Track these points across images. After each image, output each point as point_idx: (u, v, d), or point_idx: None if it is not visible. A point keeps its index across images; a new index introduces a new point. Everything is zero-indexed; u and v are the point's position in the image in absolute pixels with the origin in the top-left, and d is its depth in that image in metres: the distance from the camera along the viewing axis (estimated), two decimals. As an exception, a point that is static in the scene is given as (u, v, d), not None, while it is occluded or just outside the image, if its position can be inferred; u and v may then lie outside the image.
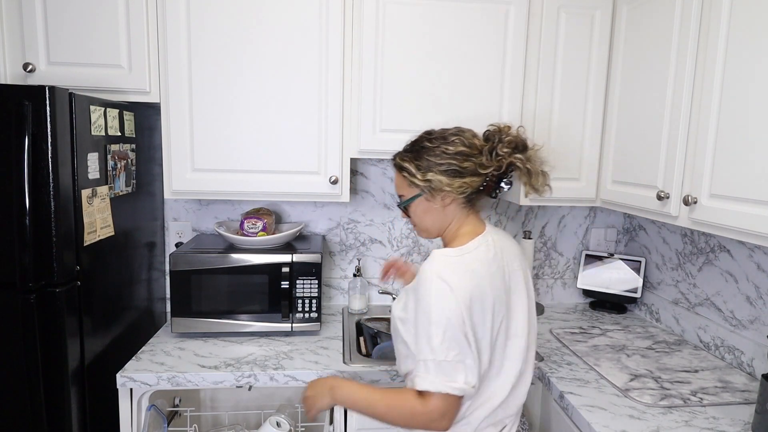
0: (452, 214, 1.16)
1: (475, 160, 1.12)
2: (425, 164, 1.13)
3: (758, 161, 1.13)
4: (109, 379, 1.50)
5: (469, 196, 1.15)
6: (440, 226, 1.18)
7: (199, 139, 1.63)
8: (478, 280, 1.05)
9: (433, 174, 1.12)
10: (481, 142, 1.15)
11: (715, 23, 1.26)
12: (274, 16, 1.60)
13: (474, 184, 1.13)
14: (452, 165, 1.12)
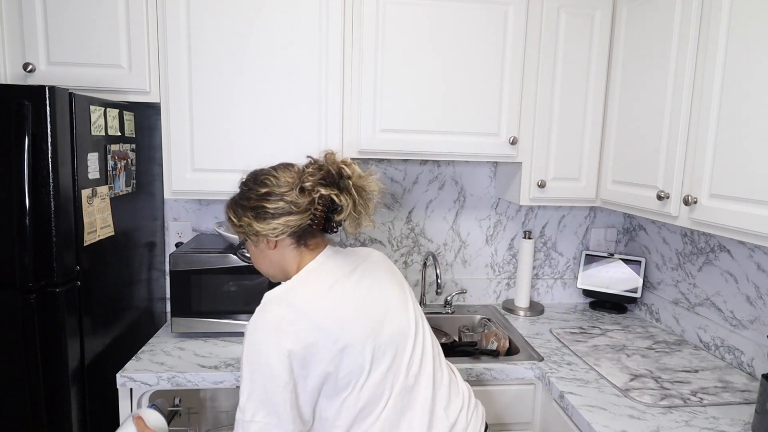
0: (284, 257, 1.10)
1: (287, 199, 1.05)
2: (239, 210, 1.10)
3: (758, 161, 1.13)
4: (109, 379, 1.50)
5: (296, 236, 1.08)
6: (276, 270, 1.13)
7: (199, 139, 1.63)
8: (307, 321, 0.97)
9: (246, 219, 1.07)
10: (293, 178, 1.08)
11: (715, 23, 1.26)
12: (274, 16, 1.60)
13: (293, 224, 1.05)
14: (260, 208, 1.06)
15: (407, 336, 1.09)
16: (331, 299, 1.02)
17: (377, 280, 1.12)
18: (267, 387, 0.94)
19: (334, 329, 0.98)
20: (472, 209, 2.12)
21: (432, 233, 2.12)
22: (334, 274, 1.07)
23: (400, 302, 1.12)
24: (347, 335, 0.99)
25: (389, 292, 1.12)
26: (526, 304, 2.05)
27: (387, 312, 1.08)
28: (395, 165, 2.06)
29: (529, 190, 1.78)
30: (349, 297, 1.04)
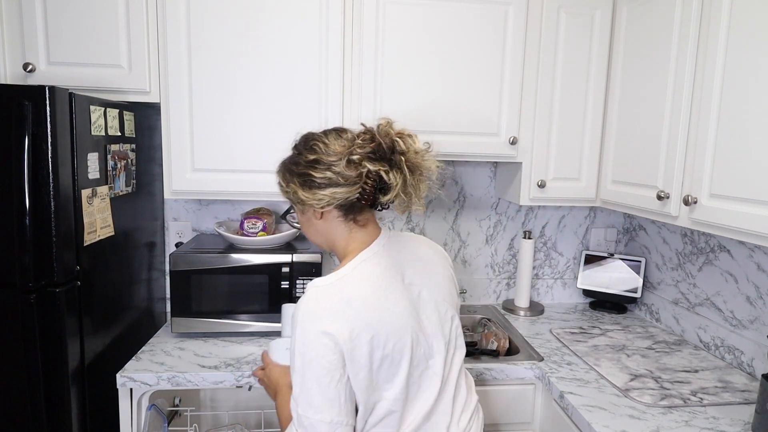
0: (331, 229, 1.02)
1: (335, 169, 0.96)
2: (287, 175, 1.04)
3: (758, 161, 1.13)
4: (109, 379, 1.50)
5: (344, 209, 0.99)
6: (323, 240, 1.06)
7: (199, 139, 1.63)
8: (355, 312, 0.91)
9: (293, 186, 1.01)
10: (342, 147, 0.99)
11: (715, 23, 1.26)
12: (275, 16, 1.60)
13: (339, 197, 0.96)
14: (307, 176, 0.98)
15: (435, 354, 1.02)
16: (382, 299, 0.95)
17: (427, 288, 1.03)
18: (320, 380, 0.89)
19: (380, 331, 0.92)
20: (472, 209, 2.12)
21: (432, 233, 2.12)
22: (387, 271, 0.99)
23: (440, 319, 1.04)
24: (390, 342, 0.93)
25: (434, 304, 1.04)
26: (526, 304, 2.05)
27: (424, 328, 1.00)
28: (395, 165, 2.05)
29: (529, 190, 1.78)
30: (398, 302, 0.97)
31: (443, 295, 1.07)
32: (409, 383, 0.97)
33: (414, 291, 1.02)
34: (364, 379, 0.92)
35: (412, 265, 1.04)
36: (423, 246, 1.11)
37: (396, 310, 0.96)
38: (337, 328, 0.89)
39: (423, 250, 1.09)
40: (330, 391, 0.89)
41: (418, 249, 1.08)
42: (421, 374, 1.00)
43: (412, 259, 1.04)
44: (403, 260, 1.03)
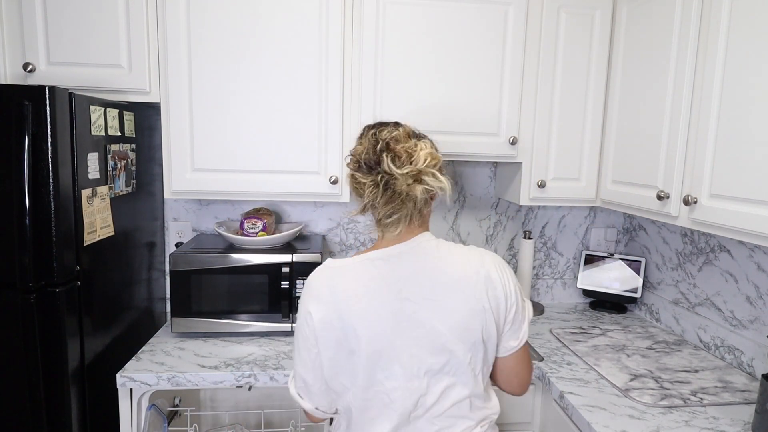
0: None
1: (355, 174, 1.00)
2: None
3: (758, 161, 1.13)
4: (109, 379, 1.50)
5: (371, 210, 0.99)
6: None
7: (199, 139, 1.63)
8: (333, 290, 0.96)
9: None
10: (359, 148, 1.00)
11: (715, 23, 1.26)
12: (274, 16, 1.60)
13: (362, 199, 0.98)
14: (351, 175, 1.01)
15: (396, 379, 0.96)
16: (364, 299, 0.95)
17: (427, 310, 0.95)
18: (300, 345, 1.01)
19: (351, 326, 0.95)
20: (472, 209, 2.12)
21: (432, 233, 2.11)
22: (384, 278, 0.96)
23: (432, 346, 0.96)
24: (356, 341, 0.95)
25: (430, 329, 0.95)
26: (526, 304, 2.05)
27: (397, 347, 0.95)
28: (395, 165, 2.05)
29: (529, 190, 1.78)
30: (379, 309, 0.95)
31: (449, 324, 0.95)
32: (367, 392, 0.97)
33: (408, 307, 0.95)
34: (329, 360, 0.98)
35: (418, 283, 0.96)
36: (456, 268, 0.97)
37: (373, 314, 0.95)
38: (316, 310, 0.97)
39: (450, 271, 0.97)
40: (308, 356, 1.00)
41: (445, 268, 0.97)
42: (374, 395, 0.97)
43: (422, 276, 0.97)
44: (410, 274, 0.97)
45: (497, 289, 0.97)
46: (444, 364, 0.96)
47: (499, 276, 0.98)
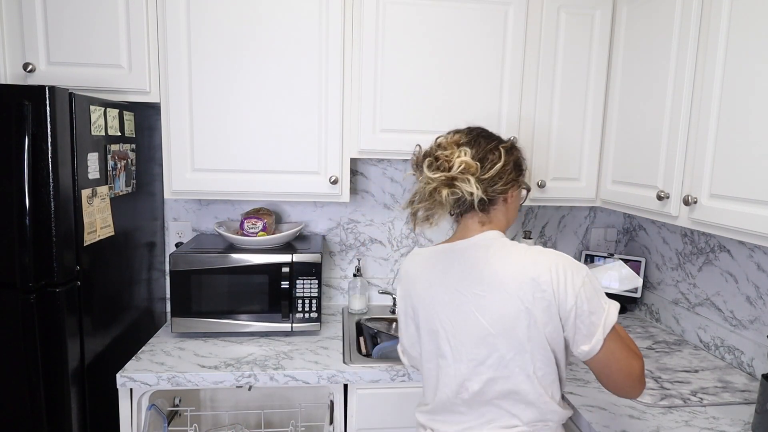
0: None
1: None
2: None
3: (758, 161, 1.13)
4: (109, 379, 1.50)
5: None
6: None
7: (199, 139, 1.63)
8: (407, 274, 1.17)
9: None
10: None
11: (715, 23, 1.26)
12: (274, 16, 1.60)
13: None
14: None
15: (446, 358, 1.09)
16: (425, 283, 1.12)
17: (471, 305, 1.04)
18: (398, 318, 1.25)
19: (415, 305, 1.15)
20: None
21: (432, 233, 2.12)
22: (443, 269, 1.09)
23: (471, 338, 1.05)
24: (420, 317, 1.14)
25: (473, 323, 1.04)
26: (526, 304, 2.05)
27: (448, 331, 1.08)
28: (395, 165, 2.06)
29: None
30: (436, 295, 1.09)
31: (491, 320, 1.01)
32: (429, 363, 1.14)
33: (457, 298, 1.06)
34: (405, 330, 1.22)
35: (470, 277, 1.05)
36: (505, 267, 1.02)
37: (430, 300, 1.11)
38: (399, 288, 1.22)
39: (500, 270, 1.01)
40: (400, 323, 1.23)
41: (495, 267, 1.02)
42: (431, 369, 1.14)
43: (474, 271, 1.05)
44: (464, 268, 1.06)
45: (546, 291, 0.98)
46: (486, 357, 1.03)
47: (552, 279, 0.98)
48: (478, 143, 1.08)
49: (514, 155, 1.11)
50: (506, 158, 1.06)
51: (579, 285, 0.97)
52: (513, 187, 1.10)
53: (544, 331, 0.99)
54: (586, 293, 0.97)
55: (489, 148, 1.07)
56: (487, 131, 1.13)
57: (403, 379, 1.52)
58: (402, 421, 1.55)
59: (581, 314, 0.97)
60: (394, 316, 2.01)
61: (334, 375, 1.49)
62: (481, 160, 1.04)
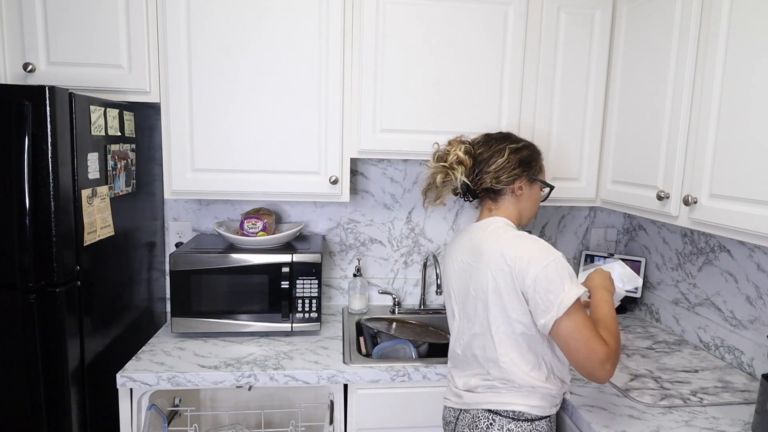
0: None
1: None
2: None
3: (758, 161, 1.13)
4: (109, 379, 1.50)
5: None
6: None
7: (199, 139, 1.63)
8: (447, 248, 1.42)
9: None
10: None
11: (715, 23, 1.26)
12: (274, 16, 1.60)
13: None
14: None
15: (453, 314, 1.32)
16: (449, 251, 1.35)
17: (468, 272, 1.24)
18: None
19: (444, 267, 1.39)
20: (472, 209, 2.12)
21: (432, 233, 2.12)
22: (459, 243, 1.31)
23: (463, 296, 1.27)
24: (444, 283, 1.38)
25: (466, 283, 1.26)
26: (526, 304, 2.05)
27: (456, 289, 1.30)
28: (395, 165, 2.06)
29: (529, 190, 1.78)
30: (453, 259, 1.31)
31: (476, 287, 1.21)
32: (448, 320, 1.36)
33: (460, 268, 1.28)
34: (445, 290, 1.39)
35: (467, 250, 1.27)
36: (490, 244, 1.20)
37: (448, 267, 1.33)
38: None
39: (484, 245, 1.21)
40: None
41: (483, 243, 1.21)
42: (451, 325, 1.34)
43: (469, 245, 1.26)
44: (469, 246, 1.27)
45: (510, 266, 1.13)
46: (473, 317, 1.23)
47: (518, 256, 1.13)
48: (490, 144, 1.28)
49: (522, 153, 1.27)
50: (510, 155, 1.25)
51: (542, 265, 1.10)
52: (519, 180, 1.26)
53: (507, 300, 1.14)
54: (548, 274, 1.09)
55: (498, 147, 1.27)
56: (510, 136, 1.32)
57: (403, 379, 1.52)
58: (402, 421, 1.55)
59: (540, 291, 1.09)
60: (393, 316, 2.01)
61: (334, 375, 1.49)
62: (488, 157, 1.26)
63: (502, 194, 1.28)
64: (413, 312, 2.05)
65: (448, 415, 1.31)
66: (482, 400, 1.20)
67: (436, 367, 1.53)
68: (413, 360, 1.65)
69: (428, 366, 1.54)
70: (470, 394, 1.23)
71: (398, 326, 1.92)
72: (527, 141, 1.32)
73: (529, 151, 1.29)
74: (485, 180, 1.26)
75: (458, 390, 1.27)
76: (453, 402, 1.28)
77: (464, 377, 1.27)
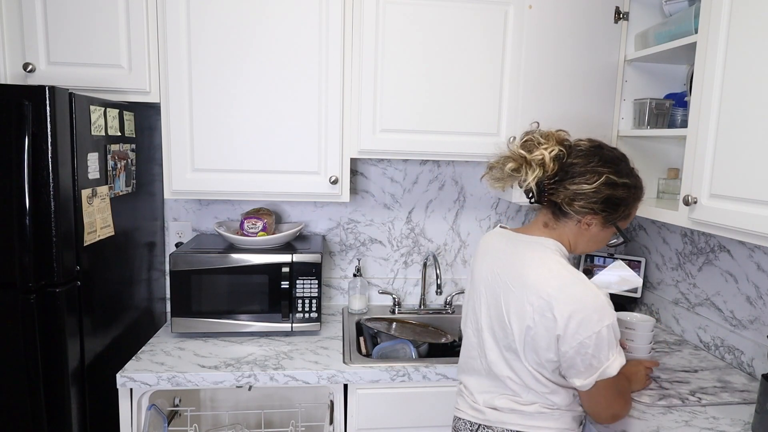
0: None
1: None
2: None
3: (758, 161, 1.12)
4: (109, 379, 1.50)
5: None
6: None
7: (199, 139, 1.63)
8: (481, 244, 1.25)
9: None
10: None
11: (715, 22, 1.26)
12: (274, 16, 1.60)
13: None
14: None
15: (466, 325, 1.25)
16: (479, 258, 1.22)
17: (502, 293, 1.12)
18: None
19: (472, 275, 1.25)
20: (472, 209, 2.12)
21: (432, 233, 2.12)
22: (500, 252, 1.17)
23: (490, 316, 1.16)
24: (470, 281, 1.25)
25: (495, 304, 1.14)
26: (526, 304, 2.05)
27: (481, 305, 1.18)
28: (395, 165, 2.06)
29: (529, 190, 1.78)
30: (481, 271, 1.19)
31: (507, 312, 1.10)
32: (463, 322, 1.28)
33: (492, 279, 1.15)
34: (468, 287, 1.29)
35: (507, 266, 1.13)
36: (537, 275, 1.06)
37: (478, 268, 1.21)
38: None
39: (529, 271, 1.08)
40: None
41: (528, 268, 1.08)
42: (465, 328, 1.26)
43: (512, 262, 1.12)
44: (509, 259, 1.13)
45: (556, 320, 1.01)
46: (501, 338, 1.12)
47: (566, 315, 1.00)
48: (590, 160, 1.08)
49: (616, 192, 1.07)
50: (601, 187, 1.05)
51: (594, 331, 0.99)
52: (593, 216, 1.08)
53: (540, 345, 1.05)
54: (597, 341, 0.99)
55: (595, 169, 1.06)
56: (619, 162, 1.10)
57: (403, 379, 1.52)
58: (402, 421, 1.55)
59: (584, 355, 1.00)
60: (393, 316, 2.01)
61: (334, 375, 1.49)
62: (577, 173, 1.07)
63: (567, 216, 1.10)
64: (413, 312, 2.05)
65: (462, 428, 1.19)
66: (508, 420, 1.12)
67: (436, 367, 1.53)
68: (413, 360, 1.65)
69: (428, 366, 1.54)
70: (494, 412, 1.14)
71: (398, 326, 1.92)
72: (635, 179, 1.10)
73: (626, 193, 1.08)
74: (559, 194, 1.07)
75: (478, 405, 1.17)
76: (470, 415, 1.18)
77: (487, 394, 1.16)
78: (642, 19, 1.72)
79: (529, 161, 1.06)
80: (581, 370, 1.02)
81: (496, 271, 1.14)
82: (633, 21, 1.72)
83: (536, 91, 1.72)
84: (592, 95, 1.75)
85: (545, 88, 1.72)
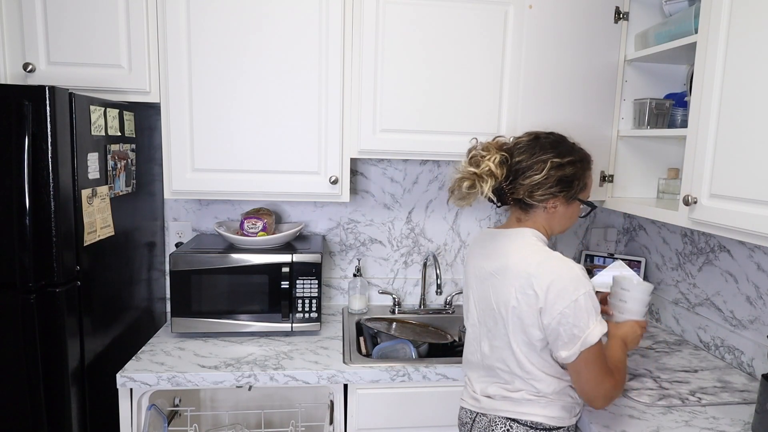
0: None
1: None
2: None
3: (758, 161, 1.12)
4: (109, 379, 1.50)
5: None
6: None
7: (199, 139, 1.63)
8: (470, 246, 1.34)
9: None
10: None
11: (715, 22, 1.26)
12: (274, 16, 1.60)
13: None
14: None
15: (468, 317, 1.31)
16: (471, 254, 1.30)
17: (491, 281, 1.20)
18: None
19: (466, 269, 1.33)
20: (472, 209, 2.12)
21: (432, 233, 2.12)
22: (483, 246, 1.26)
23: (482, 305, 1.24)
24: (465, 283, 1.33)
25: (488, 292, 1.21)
26: (526, 304, 2.05)
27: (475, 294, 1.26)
28: (395, 165, 2.06)
29: (529, 190, 1.78)
30: (473, 264, 1.27)
31: (496, 300, 1.17)
32: (465, 321, 1.32)
33: (481, 273, 1.23)
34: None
35: (491, 258, 1.21)
36: (516, 259, 1.14)
37: (470, 269, 1.29)
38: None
39: (509, 258, 1.16)
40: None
41: (508, 255, 1.16)
42: (468, 327, 1.31)
43: (494, 254, 1.21)
44: (490, 252, 1.23)
45: (537, 294, 1.09)
46: (492, 327, 1.20)
47: (545, 286, 1.08)
48: (533, 152, 1.17)
49: (564, 171, 1.16)
50: (550, 172, 1.14)
51: (571, 299, 1.06)
52: (554, 199, 1.17)
53: (527, 322, 1.11)
54: (576, 309, 1.06)
55: (540, 158, 1.16)
56: (559, 144, 1.18)
57: (403, 379, 1.52)
58: (402, 421, 1.55)
59: (565, 324, 1.06)
60: (393, 316, 2.01)
61: (334, 375, 1.49)
62: (526, 168, 1.16)
63: (534, 207, 1.19)
64: (413, 312, 2.05)
65: (464, 416, 1.29)
66: (500, 407, 1.19)
67: (436, 367, 1.53)
68: (413, 360, 1.65)
69: (428, 366, 1.54)
70: (488, 399, 1.21)
71: (398, 326, 1.92)
72: (578, 153, 1.19)
73: (574, 169, 1.17)
74: (518, 191, 1.17)
75: (476, 395, 1.25)
76: (470, 404, 1.27)
77: (482, 383, 1.24)
78: (642, 19, 1.72)
79: (480, 175, 1.14)
80: (566, 341, 1.07)
81: (481, 265, 1.23)
82: (633, 21, 1.72)
83: (536, 91, 1.72)
84: (592, 95, 1.74)
85: (545, 88, 1.72)
